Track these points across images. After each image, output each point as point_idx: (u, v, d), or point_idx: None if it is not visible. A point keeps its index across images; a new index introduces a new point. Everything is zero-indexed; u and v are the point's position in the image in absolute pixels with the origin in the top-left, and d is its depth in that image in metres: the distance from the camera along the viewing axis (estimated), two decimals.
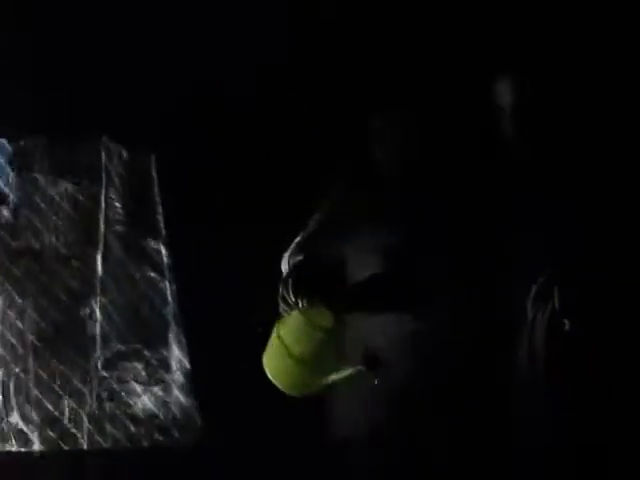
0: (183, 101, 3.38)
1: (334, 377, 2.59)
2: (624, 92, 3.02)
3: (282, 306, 2.59)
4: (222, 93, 3.40)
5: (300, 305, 2.57)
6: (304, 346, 2.55)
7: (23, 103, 3.34)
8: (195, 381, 3.43)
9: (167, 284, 3.46)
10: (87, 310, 3.41)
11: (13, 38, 3.34)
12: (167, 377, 3.43)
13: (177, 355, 3.44)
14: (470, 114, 2.76)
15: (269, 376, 2.61)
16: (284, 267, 2.80)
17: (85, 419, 3.34)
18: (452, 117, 2.85)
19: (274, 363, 2.60)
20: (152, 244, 3.47)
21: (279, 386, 2.63)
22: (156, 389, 3.41)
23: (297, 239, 2.86)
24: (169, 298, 3.46)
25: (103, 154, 3.48)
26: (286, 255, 2.82)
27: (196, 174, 3.43)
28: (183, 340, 3.45)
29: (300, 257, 2.72)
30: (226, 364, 3.33)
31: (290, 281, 2.58)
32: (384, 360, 2.62)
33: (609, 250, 2.60)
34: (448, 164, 2.80)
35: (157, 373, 3.43)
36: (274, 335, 2.60)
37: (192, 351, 3.45)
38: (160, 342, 3.44)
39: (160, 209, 3.48)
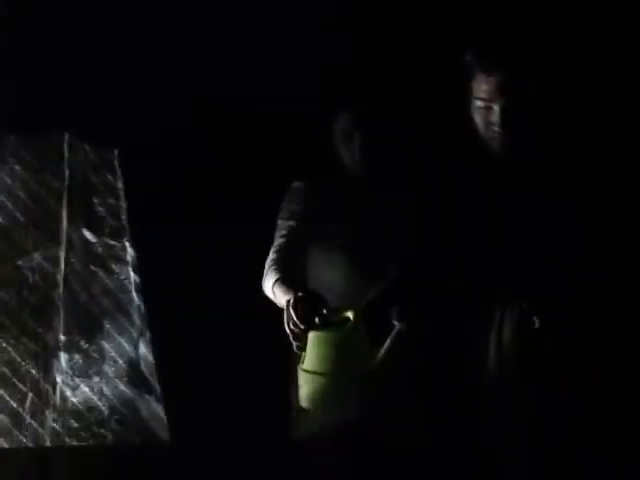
0: (151, 98, 3.38)
1: (379, 355, 2.45)
2: (621, 91, 3.05)
3: (296, 344, 2.44)
4: (201, 92, 3.42)
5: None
6: (333, 357, 2.37)
7: None
8: (161, 380, 3.42)
9: (132, 281, 3.46)
10: (49, 304, 3.39)
11: None
12: (131, 373, 3.42)
13: (140, 351, 3.44)
14: (452, 113, 2.75)
15: (325, 415, 2.46)
16: (269, 294, 2.71)
17: (49, 416, 3.32)
18: (432, 116, 2.88)
19: (317, 399, 2.41)
20: (117, 241, 3.47)
21: (345, 412, 2.48)
22: (119, 384, 3.41)
23: (271, 256, 2.78)
24: (134, 295, 3.45)
25: (66, 150, 3.46)
26: (268, 283, 2.70)
27: (163, 172, 3.44)
28: (147, 335, 3.45)
29: (290, 295, 2.50)
30: (192, 361, 3.35)
31: (292, 316, 2.43)
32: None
33: (580, 247, 2.58)
34: (430, 162, 2.82)
35: (121, 369, 3.41)
36: (300, 373, 2.43)
37: (157, 347, 3.46)
38: (123, 338, 3.43)
39: (125, 205, 3.47)
